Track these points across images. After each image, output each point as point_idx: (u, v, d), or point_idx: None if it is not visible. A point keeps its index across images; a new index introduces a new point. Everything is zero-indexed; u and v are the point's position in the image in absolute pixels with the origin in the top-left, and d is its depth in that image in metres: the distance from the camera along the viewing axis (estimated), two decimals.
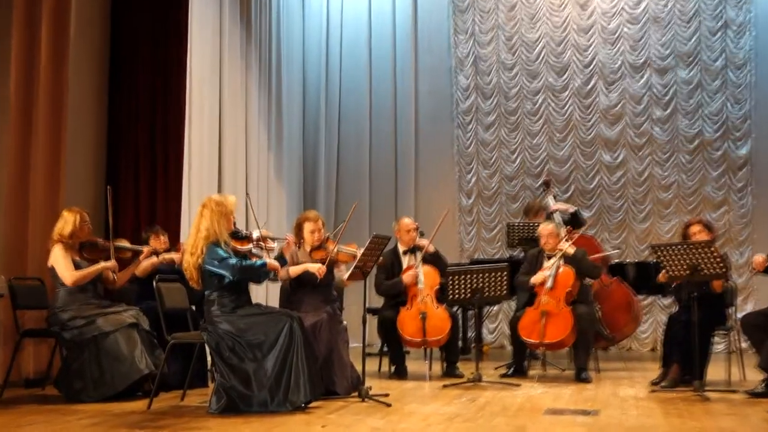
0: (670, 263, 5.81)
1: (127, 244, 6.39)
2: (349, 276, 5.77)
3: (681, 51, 10.61)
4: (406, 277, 6.94)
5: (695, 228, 6.48)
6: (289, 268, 5.82)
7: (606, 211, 10.70)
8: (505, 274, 6.45)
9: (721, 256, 5.78)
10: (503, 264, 6.77)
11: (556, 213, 8.13)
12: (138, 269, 6.29)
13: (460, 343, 7.87)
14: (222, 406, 4.83)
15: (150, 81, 7.90)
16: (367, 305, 5.69)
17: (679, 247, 5.83)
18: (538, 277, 6.83)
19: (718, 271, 5.71)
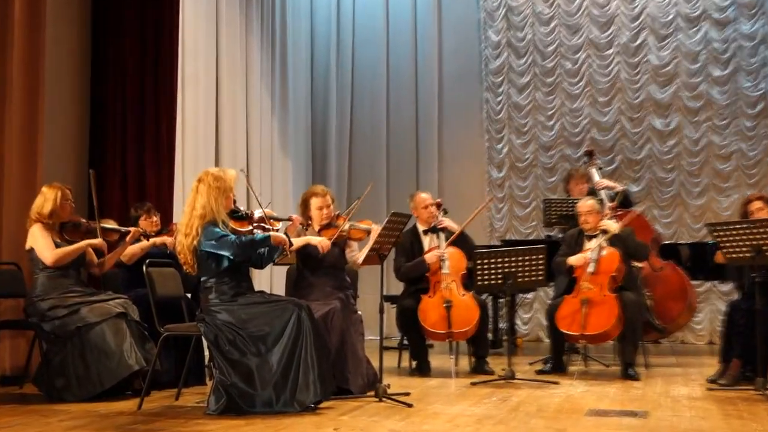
0: (730, 244, 5.77)
1: (114, 224, 6.41)
2: (365, 260, 5.76)
3: (743, 1, 10.48)
4: (430, 256, 6.93)
5: (757, 204, 6.43)
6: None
7: (656, 185, 10.64)
8: (541, 256, 6.43)
9: None
10: (539, 245, 6.74)
11: (603, 190, 8.03)
12: (125, 255, 6.30)
13: (490, 335, 7.89)
14: (221, 406, 4.85)
15: (138, 41, 7.89)
16: (384, 292, 5.68)
17: (740, 226, 5.78)
18: (578, 259, 6.81)
19: None
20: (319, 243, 5.75)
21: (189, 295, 6.22)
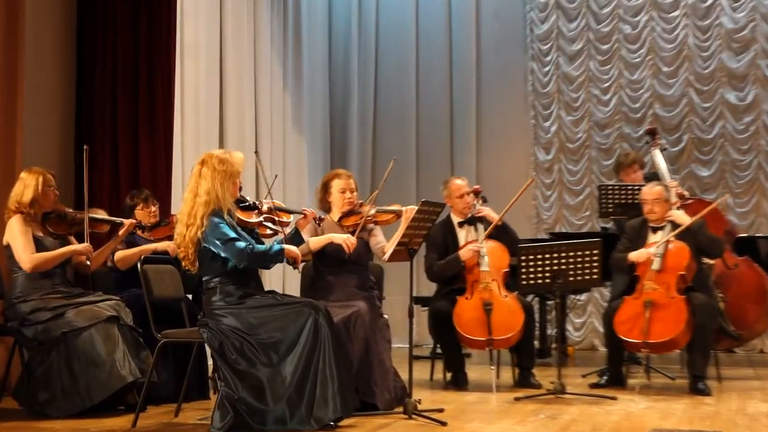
0: None
1: (104, 215, 6.43)
2: (392, 255, 5.76)
3: None
4: (465, 252, 6.91)
5: None
6: (309, 240, 5.81)
7: (730, 168, 10.58)
8: (595, 252, 6.41)
9: None
10: (594, 239, 6.72)
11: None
12: (118, 260, 6.34)
13: (536, 343, 7.87)
14: (228, 423, 4.86)
15: (130, 4, 7.91)
16: (414, 294, 5.68)
17: None
18: (640, 255, 6.77)
19: None
20: (344, 241, 5.75)
21: (190, 296, 6.23)
